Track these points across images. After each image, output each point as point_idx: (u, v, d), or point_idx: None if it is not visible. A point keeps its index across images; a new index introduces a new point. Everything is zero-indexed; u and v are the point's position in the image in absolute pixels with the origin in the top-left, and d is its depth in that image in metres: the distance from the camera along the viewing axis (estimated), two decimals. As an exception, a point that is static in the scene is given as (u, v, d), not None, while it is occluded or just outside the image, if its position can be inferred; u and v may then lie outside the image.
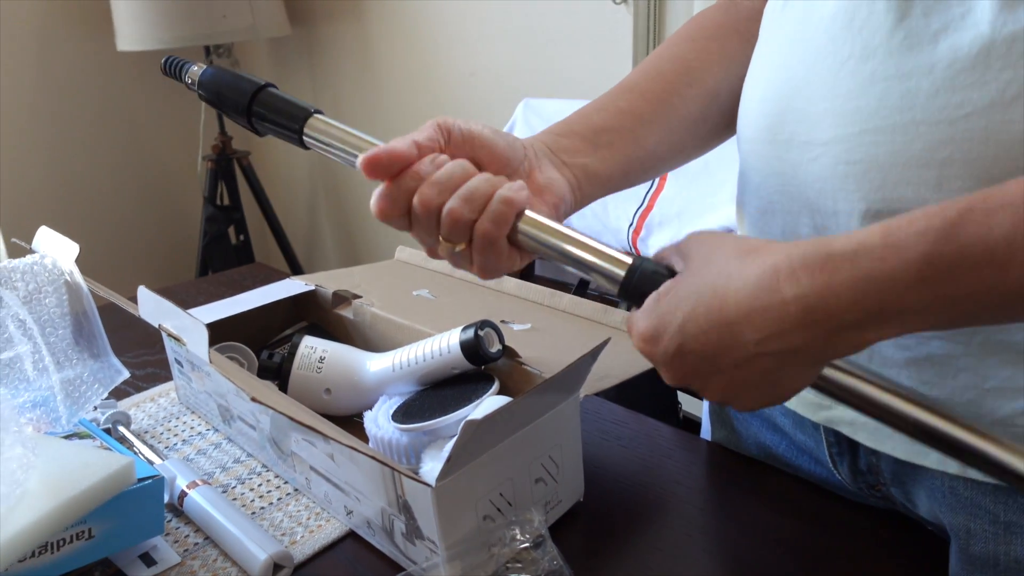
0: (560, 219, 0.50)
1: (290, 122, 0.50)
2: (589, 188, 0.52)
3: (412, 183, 0.45)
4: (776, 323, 0.37)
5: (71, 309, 0.56)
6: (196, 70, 0.53)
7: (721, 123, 0.59)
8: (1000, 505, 0.47)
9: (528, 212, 0.46)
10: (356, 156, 0.47)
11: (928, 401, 0.39)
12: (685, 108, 0.57)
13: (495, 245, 0.45)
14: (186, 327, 0.49)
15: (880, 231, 0.35)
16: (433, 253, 0.48)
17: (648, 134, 0.55)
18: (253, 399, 0.44)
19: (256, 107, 0.51)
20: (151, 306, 0.53)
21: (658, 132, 0.56)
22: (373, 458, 0.46)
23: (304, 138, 0.50)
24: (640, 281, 0.43)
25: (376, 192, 0.46)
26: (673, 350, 0.40)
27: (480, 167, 0.47)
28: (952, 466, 0.48)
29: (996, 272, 0.33)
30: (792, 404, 0.56)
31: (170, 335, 0.52)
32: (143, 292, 0.53)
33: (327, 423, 0.53)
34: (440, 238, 0.46)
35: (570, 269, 0.46)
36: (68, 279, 0.56)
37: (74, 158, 2.30)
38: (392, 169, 0.45)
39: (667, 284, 0.42)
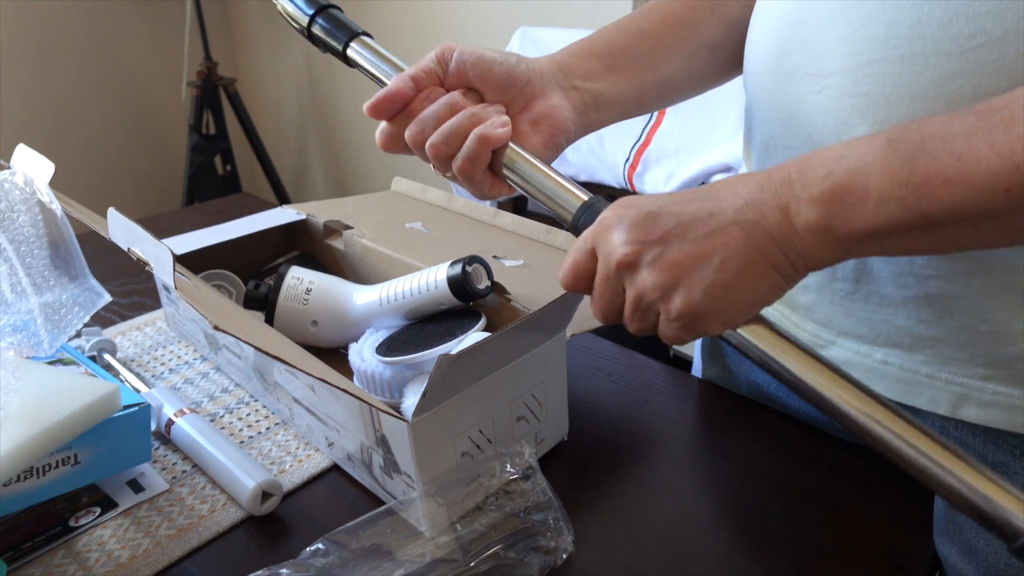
0: (558, 148, 0.51)
1: (338, 40, 0.54)
2: (598, 115, 0.53)
3: (406, 121, 0.49)
4: (756, 190, 0.39)
5: (46, 230, 0.54)
6: None
7: (738, 53, 0.58)
8: (989, 446, 0.47)
9: (512, 146, 0.48)
10: (381, 79, 0.52)
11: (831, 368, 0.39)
12: (705, 34, 0.56)
13: (473, 178, 0.49)
14: (153, 250, 0.48)
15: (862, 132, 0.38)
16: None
17: (667, 59, 0.55)
18: (215, 328, 0.43)
19: (316, 24, 0.54)
20: (121, 229, 0.50)
21: (677, 58, 0.56)
22: (345, 391, 0.45)
23: (348, 54, 0.54)
24: (588, 218, 0.45)
25: (378, 129, 0.51)
26: (649, 209, 0.40)
27: (481, 95, 0.50)
28: (942, 407, 0.48)
29: (955, 163, 0.34)
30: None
31: (138, 259, 0.50)
32: (112, 214, 0.51)
33: (295, 352, 0.52)
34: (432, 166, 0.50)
35: (543, 208, 0.48)
36: (41, 198, 0.53)
37: (53, 84, 2.23)
38: (393, 109, 0.49)
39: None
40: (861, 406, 0.38)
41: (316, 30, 0.55)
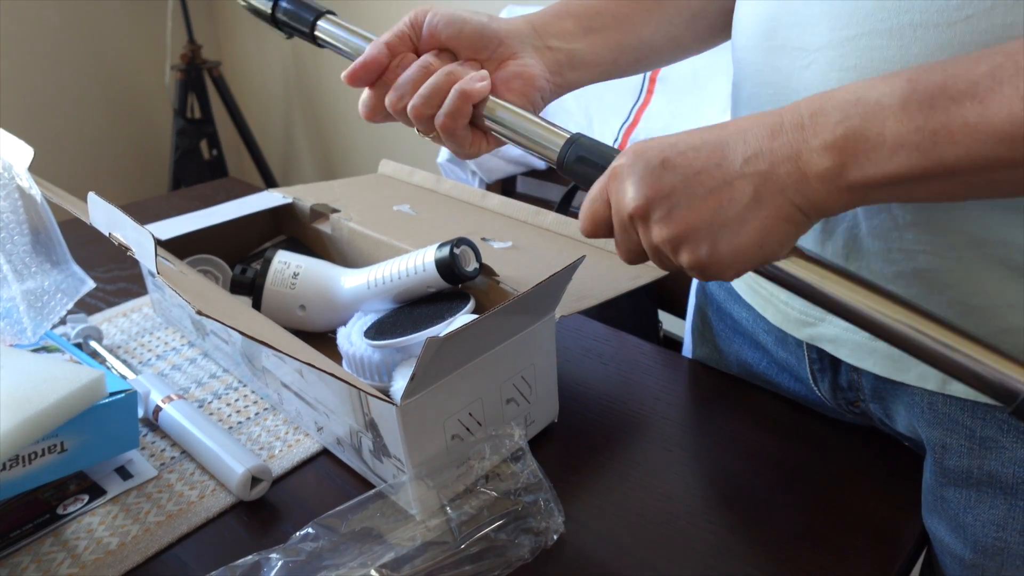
0: (533, 106, 0.52)
1: (303, 23, 0.54)
2: (573, 74, 0.53)
3: (385, 88, 0.50)
4: (768, 136, 0.37)
5: (27, 216, 0.53)
6: None
7: (719, 21, 0.57)
8: (978, 421, 0.47)
9: (492, 99, 0.49)
10: (352, 55, 0.52)
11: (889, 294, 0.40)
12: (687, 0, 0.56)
13: (455, 134, 0.49)
14: (134, 235, 0.47)
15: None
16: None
17: (645, 22, 0.55)
18: (199, 313, 0.42)
19: (279, 10, 0.55)
20: (102, 214, 0.50)
21: (655, 21, 0.55)
22: (333, 375, 0.45)
23: (316, 34, 0.55)
24: (574, 153, 0.46)
25: (360, 100, 0.52)
26: (656, 162, 0.40)
27: (455, 55, 0.51)
28: (931, 382, 0.48)
29: (976, 107, 0.33)
30: (776, 321, 0.56)
31: (120, 244, 0.49)
32: (93, 199, 0.50)
33: (282, 336, 0.51)
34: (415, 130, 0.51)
35: (530, 153, 0.49)
36: (20, 183, 0.53)
37: (34, 68, 2.19)
38: (370, 77, 0.50)
39: None
40: (889, 312, 0.39)
41: (280, 15, 0.55)
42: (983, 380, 0.37)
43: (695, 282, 0.73)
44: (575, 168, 0.47)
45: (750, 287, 0.58)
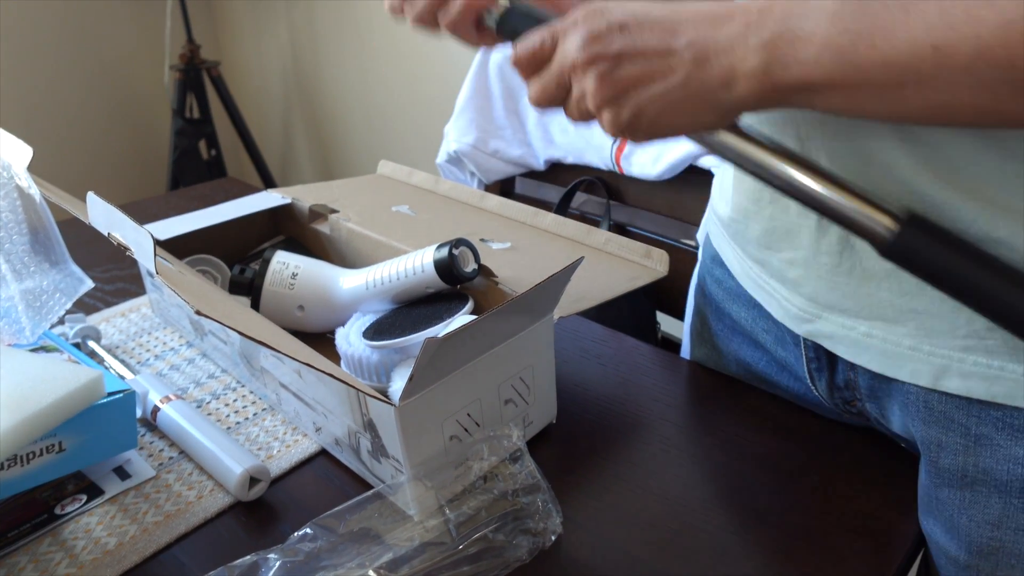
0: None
1: None
2: None
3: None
4: (715, 26, 0.39)
5: (25, 216, 0.53)
6: None
7: None
8: (973, 418, 0.47)
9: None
10: None
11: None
12: None
13: (465, 35, 0.52)
14: (133, 235, 0.47)
15: None
16: None
17: None
18: (198, 313, 0.42)
19: None
20: (101, 214, 0.50)
21: None
22: (331, 376, 0.45)
23: None
24: (509, 15, 0.48)
25: None
26: (616, 24, 0.41)
27: None
28: (923, 378, 0.48)
29: (900, 14, 0.34)
30: (778, 316, 0.56)
31: (119, 244, 0.49)
32: (92, 198, 0.50)
33: (280, 337, 0.51)
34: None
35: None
36: (19, 183, 0.53)
37: (32, 67, 2.19)
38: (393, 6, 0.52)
39: None
40: (790, 168, 0.42)
41: None
42: (858, 225, 0.40)
43: (694, 284, 0.73)
44: (510, 23, 0.48)
45: (755, 283, 0.58)
